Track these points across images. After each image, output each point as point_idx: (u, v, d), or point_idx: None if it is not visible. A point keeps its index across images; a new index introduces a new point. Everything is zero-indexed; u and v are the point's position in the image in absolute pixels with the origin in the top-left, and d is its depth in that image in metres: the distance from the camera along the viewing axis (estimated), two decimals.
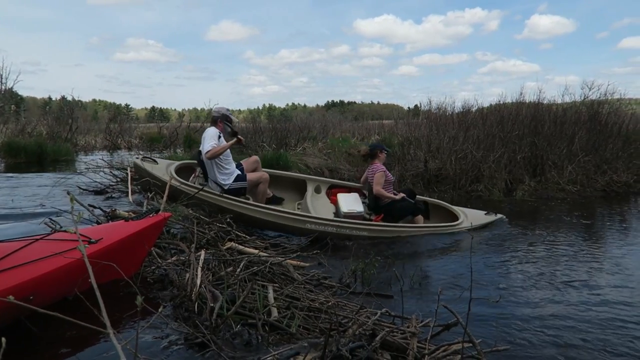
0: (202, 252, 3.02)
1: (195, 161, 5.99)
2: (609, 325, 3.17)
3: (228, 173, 5.49)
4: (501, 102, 12.03)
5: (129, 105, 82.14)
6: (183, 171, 5.89)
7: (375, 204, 6.00)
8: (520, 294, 3.82)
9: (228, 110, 5.64)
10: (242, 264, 3.44)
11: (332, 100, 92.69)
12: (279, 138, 13.49)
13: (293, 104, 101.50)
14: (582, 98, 11.57)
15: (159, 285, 2.83)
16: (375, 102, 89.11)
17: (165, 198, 4.38)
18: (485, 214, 6.34)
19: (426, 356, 2.23)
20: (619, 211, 7.56)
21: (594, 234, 5.88)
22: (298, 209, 6.26)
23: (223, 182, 5.45)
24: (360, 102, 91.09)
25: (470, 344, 2.23)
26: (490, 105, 12.83)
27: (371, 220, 5.90)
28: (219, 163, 5.42)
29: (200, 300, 2.42)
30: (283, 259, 3.78)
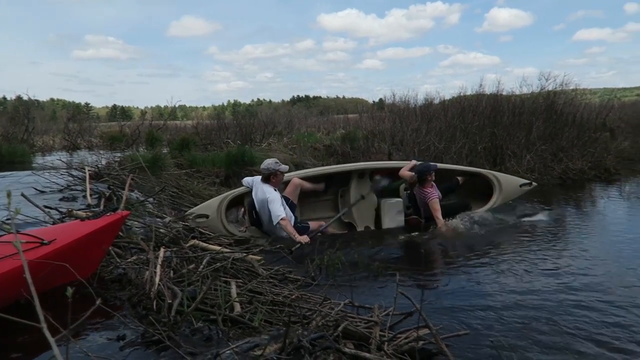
0: (162, 250, 2.97)
1: (242, 189, 5.69)
2: (569, 308, 3.26)
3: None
4: (462, 94, 12.28)
5: (89, 104, 79.62)
6: (231, 205, 5.67)
7: (418, 212, 5.86)
8: (484, 280, 3.93)
9: (277, 162, 5.28)
10: (204, 261, 3.41)
11: (298, 95, 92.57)
12: (243, 134, 13.41)
13: (258, 99, 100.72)
14: (540, 89, 11.93)
15: (117, 285, 2.77)
16: (341, 97, 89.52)
17: (124, 197, 4.30)
18: (521, 185, 6.41)
19: (386, 343, 2.26)
20: (575, 197, 7.85)
21: (553, 221, 6.05)
22: (341, 196, 6.17)
23: (284, 236, 5.11)
24: (325, 97, 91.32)
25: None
26: (452, 97, 13.10)
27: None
28: None
29: (159, 298, 2.39)
30: (246, 254, 3.76)
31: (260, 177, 5.28)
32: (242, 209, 5.66)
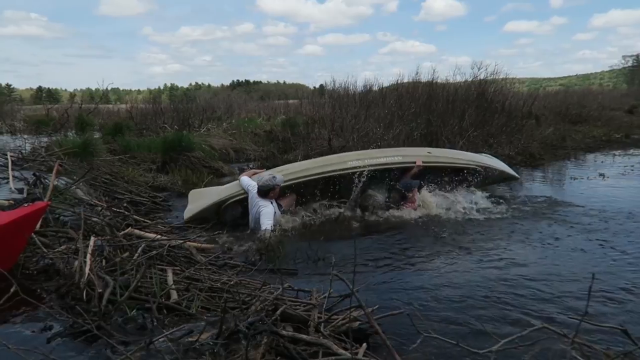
0: (92, 239, 2.86)
1: (240, 193, 5.53)
2: (499, 293, 3.44)
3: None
4: (399, 82, 12.55)
5: (10, 85, 73.50)
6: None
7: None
8: (421, 264, 4.09)
9: (273, 177, 5.22)
10: (140, 249, 3.32)
11: (238, 80, 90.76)
12: (181, 119, 13.03)
13: (197, 83, 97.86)
14: (472, 78, 12.43)
15: (44, 276, 2.64)
16: (282, 82, 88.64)
17: (51, 184, 4.08)
18: (505, 177, 6.81)
19: (322, 324, 2.32)
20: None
21: (483, 205, 6.34)
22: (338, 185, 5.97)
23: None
24: (266, 82, 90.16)
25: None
26: (390, 84, 13.37)
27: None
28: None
29: (90, 288, 2.30)
30: (182, 241, 3.70)
31: (256, 187, 5.24)
32: (240, 208, 5.61)
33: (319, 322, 2.35)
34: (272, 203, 5.19)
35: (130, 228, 4.28)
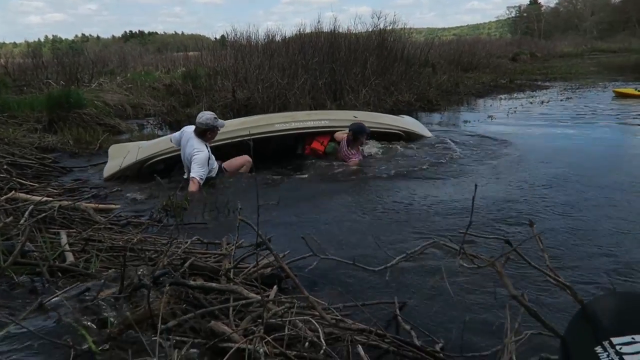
0: None
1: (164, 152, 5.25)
2: (397, 219, 3.69)
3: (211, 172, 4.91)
4: (301, 32, 12.38)
5: None
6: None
7: None
8: (337, 209, 4.15)
9: (215, 118, 4.77)
10: (26, 213, 3.04)
11: (131, 31, 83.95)
12: (67, 74, 11.86)
13: (83, 35, 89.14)
14: (373, 27, 12.59)
15: None
16: (179, 33, 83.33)
17: None
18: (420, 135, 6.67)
19: (232, 272, 2.31)
20: None
21: (387, 152, 6.54)
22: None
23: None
24: (162, 33, 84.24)
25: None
26: (293, 34, 13.15)
27: None
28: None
29: None
30: (75, 201, 3.44)
31: (191, 127, 4.84)
32: (162, 165, 5.37)
33: (228, 270, 2.33)
34: (207, 147, 4.77)
35: (13, 192, 3.89)
